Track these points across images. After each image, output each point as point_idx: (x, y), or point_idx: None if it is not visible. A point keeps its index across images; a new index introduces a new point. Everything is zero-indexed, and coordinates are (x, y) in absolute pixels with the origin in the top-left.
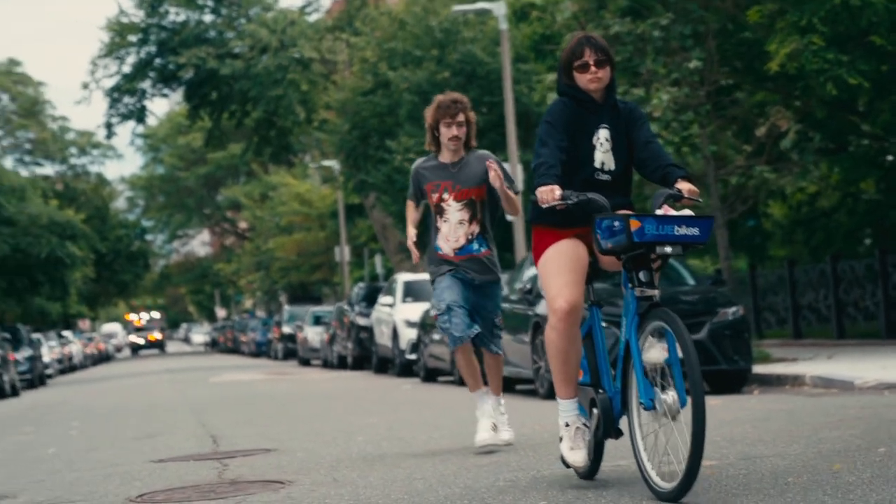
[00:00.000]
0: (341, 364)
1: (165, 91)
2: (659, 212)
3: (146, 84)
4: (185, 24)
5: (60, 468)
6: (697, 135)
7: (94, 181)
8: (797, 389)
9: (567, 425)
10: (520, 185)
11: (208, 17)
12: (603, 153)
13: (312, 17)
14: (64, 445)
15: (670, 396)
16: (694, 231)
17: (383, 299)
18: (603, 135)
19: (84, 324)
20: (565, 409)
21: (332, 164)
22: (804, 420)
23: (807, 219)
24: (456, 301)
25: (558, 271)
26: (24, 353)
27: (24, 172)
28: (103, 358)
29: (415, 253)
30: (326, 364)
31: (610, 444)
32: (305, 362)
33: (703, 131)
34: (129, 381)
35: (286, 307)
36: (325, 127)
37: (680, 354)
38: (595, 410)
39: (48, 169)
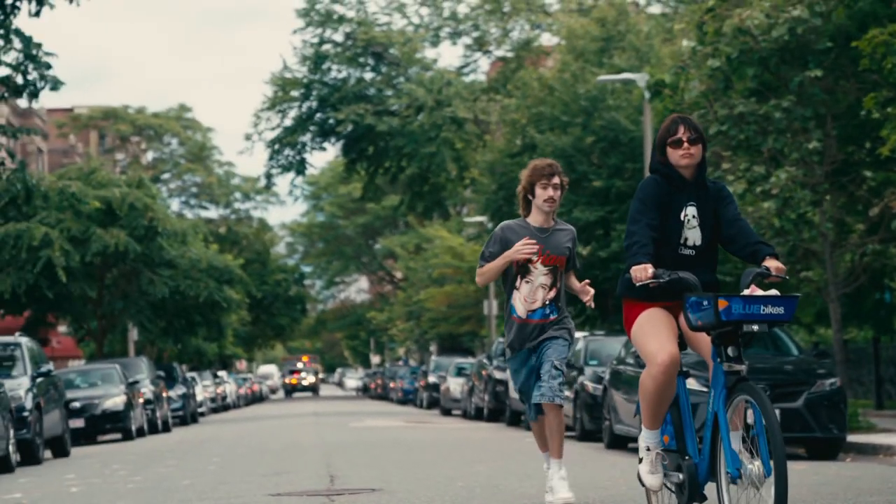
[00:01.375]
0: (478, 415)
1: (324, 145)
2: (746, 291)
3: (306, 137)
4: (345, 80)
5: (191, 497)
6: (814, 212)
7: (256, 226)
8: (888, 459)
9: (648, 449)
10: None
11: (368, 75)
12: (689, 229)
13: (469, 78)
14: (199, 478)
15: (756, 467)
16: (779, 310)
17: None
18: (690, 212)
19: (241, 364)
20: (649, 437)
21: (482, 219)
22: (860, 486)
23: None
24: (519, 386)
25: (655, 331)
26: (178, 391)
27: (189, 215)
28: (257, 398)
29: (531, 246)
30: (466, 415)
31: None
32: (447, 412)
33: (821, 209)
34: (275, 422)
35: (433, 357)
36: (475, 186)
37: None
38: (681, 475)
39: (213, 212)
